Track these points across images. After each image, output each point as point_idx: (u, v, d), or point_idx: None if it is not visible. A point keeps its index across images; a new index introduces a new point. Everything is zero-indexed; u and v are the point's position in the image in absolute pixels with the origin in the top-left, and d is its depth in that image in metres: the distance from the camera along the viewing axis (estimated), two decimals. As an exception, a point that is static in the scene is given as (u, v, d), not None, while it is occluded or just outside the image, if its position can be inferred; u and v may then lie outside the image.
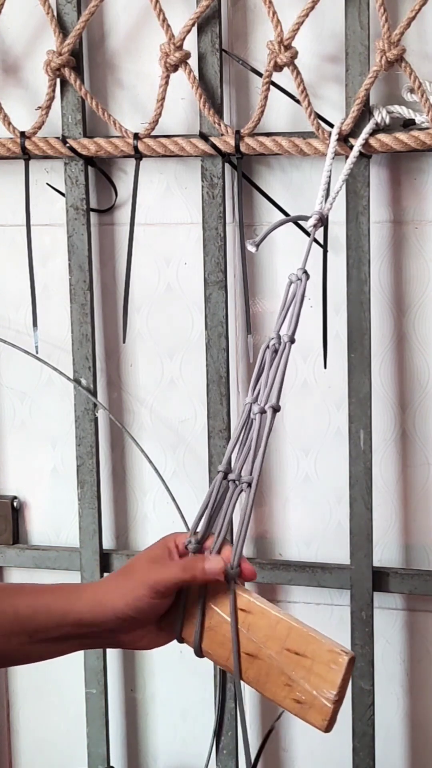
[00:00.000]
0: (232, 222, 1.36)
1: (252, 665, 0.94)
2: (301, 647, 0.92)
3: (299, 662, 0.92)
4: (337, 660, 0.91)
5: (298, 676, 0.92)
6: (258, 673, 0.94)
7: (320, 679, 0.91)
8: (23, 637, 0.95)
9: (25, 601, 0.96)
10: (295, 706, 0.92)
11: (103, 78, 1.38)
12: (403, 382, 1.36)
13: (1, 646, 0.95)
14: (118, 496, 1.49)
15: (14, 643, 0.95)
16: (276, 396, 1.04)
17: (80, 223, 1.38)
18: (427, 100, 1.22)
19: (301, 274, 1.10)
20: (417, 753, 1.44)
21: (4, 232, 1.46)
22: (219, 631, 0.96)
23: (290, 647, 0.93)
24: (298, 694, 0.92)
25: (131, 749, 1.55)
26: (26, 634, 0.95)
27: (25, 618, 0.95)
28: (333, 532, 1.40)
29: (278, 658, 0.93)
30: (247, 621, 0.95)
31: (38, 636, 0.95)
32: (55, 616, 0.95)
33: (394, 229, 1.33)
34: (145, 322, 1.43)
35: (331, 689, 0.90)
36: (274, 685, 0.93)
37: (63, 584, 0.99)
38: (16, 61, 1.41)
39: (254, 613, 0.95)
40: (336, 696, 0.90)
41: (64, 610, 0.95)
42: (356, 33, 1.24)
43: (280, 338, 1.07)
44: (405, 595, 1.39)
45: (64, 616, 0.95)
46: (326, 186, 1.22)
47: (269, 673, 0.93)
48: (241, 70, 1.33)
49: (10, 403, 1.50)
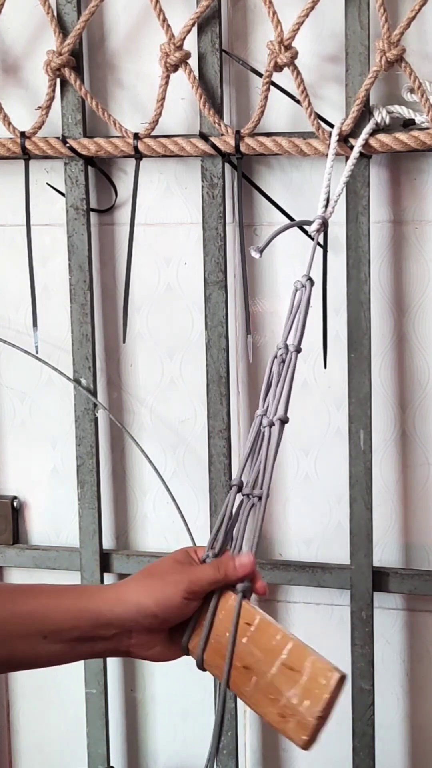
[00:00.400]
0: (232, 222, 1.36)
1: (247, 678, 0.94)
2: (297, 663, 0.92)
3: (292, 677, 0.91)
4: (327, 676, 0.90)
5: (287, 690, 0.91)
6: (251, 687, 0.94)
7: (309, 694, 0.90)
8: (37, 638, 0.93)
9: (42, 600, 0.95)
10: (280, 721, 0.91)
11: (103, 78, 1.38)
12: (403, 382, 1.36)
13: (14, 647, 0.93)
14: (118, 496, 1.49)
15: (27, 645, 0.94)
16: (284, 408, 1.05)
17: (80, 223, 1.38)
18: (427, 100, 1.22)
19: (306, 281, 1.10)
20: (417, 753, 1.44)
21: (4, 232, 1.46)
22: (222, 643, 0.96)
23: (286, 663, 0.92)
24: (284, 709, 0.91)
25: (131, 749, 1.55)
26: (40, 635, 0.93)
27: (41, 617, 0.94)
28: (333, 532, 1.40)
29: (273, 672, 0.92)
30: (249, 635, 0.95)
31: (52, 636, 0.94)
32: (71, 614, 0.94)
33: (394, 229, 1.33)
34: (145, 322, 1.43)
35: (317, 706, 0.89)
36: (264, 700, 0.92)
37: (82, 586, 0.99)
38: (16, 61, 1.41)
39: (257, 628, 0.95)
40: (320, 712, 0.89)
41: (81, 608, 0.95)
42: (356, 33, 1.24)
43: (288, 348, 1.07)
44: (405, 595, 1.39)
45: (80, 614, 0.94)
46: (327, 189, 1.22)
47: (261, 687, 0.93)
48: (241, 70, 1.33)
49: (10, 403, 1.50)
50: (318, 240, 1.17)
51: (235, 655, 0.95)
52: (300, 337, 1.08)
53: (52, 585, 0.99)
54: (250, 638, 0.95)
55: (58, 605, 0.95)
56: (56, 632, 0.94)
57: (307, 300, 1.09)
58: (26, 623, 0.93)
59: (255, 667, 0.93)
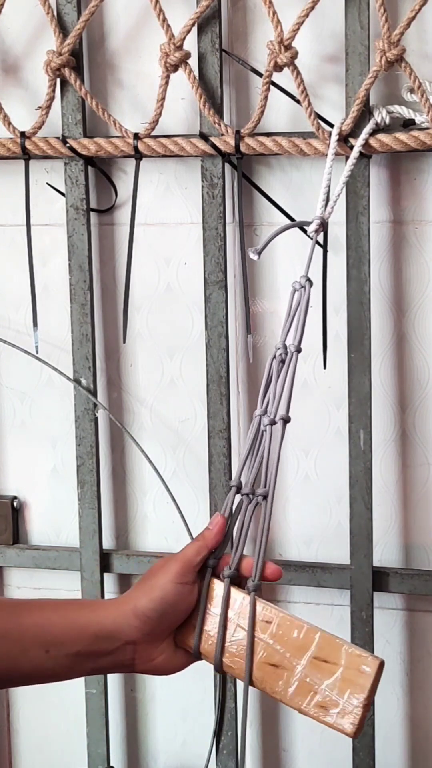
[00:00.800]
0: (232, 222, 1.36)
1: (276, 675, 0.94)
2: (330, 655, 0.92)
3: (328, 669, 0.92)
4: (368, 664, 0.91)
5: (325, 683, 0.91)
6: (282, 683, 0.93)
7: (350, 684, 0.91)
8: (39, 652, 0.93)
9: (44, 614, 0.95)
10: (321, 712, 0.92)
11: (103, 78, 1.38)
12: (403, 382, 1.36)
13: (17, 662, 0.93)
14: (118, 496, 1.49)
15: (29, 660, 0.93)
16: (285, 407, 1.04)
17: (80, 223, 1.38)
18: (427, 100, 1.22)
19: (305, 281, 1.10)
20: (417, 753, 1.44)
21: (4, 232, 1.46)
22: (241, 644, 0.95)
23: (318, 656, 0.92)
24: (326, 702, 0.91)
25: (131, 749, 1.55)
26: (42, 648, 0.93)
27: (43, 631, 0.93)
28: (333, 532, 1.40)
29: (306, 666, 0.92)
30: (271, 632, 0.95)
31: (54, 651, 0.93)
32: (74, 627, 0.94)
33: (394, 229, 1.33)
34: (145, 322, 1.43)
35: (361, 694, 0.90)
36: (300, 694, 0.93)
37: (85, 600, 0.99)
38: (16, 61, 1.41)
39: (278, 624, 0.94)
40: (366, 700, 0.90)
41: (84, 621, 0.94)
42: (356, 33, 1.24)
43: (287, 348, 1.07)
44: (405, 595, 1.39)
45: (83, 628, 0.94)
46: (327, 189, 1.22)
47: (294, 682, 0.93)
48: (241, 70, 1.33)
49: (10, 403, 1.50)
50: (317, 240, 1.17)
51: (259, 653, 0.94)
52: (300, 337, 1.07)
53: (54, 599, 0.98)
54: (271, 635, 0.94)
55: (59, 619, 0.94)
56: (58, 646, 0.93)
57: (306, 300, 1.09)
58: (28, 637, 0.93)
59: (283, 664, 0.93)
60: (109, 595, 1.47)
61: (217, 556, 0.99)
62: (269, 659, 0.94)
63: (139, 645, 0.95)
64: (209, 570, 0.98)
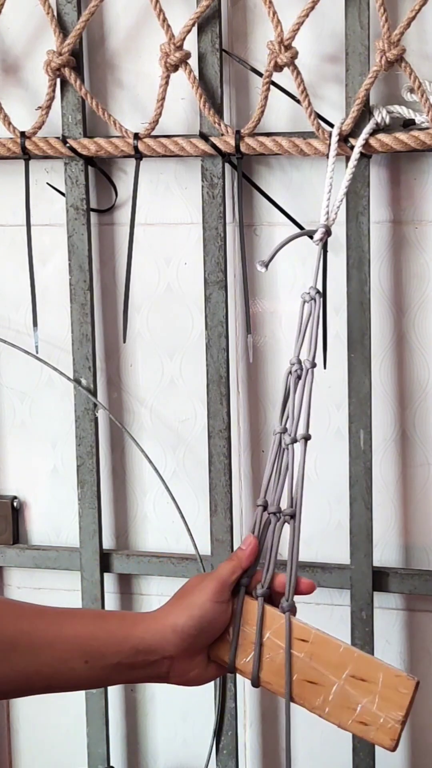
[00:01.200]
0: (232, 222, 1.36)
1: (314, 692, 0.98)
2: (367, 674, 0.97)
3: (366, 688, 0.97)
4: (406, 684, 0.97)
5: (364, 700, 0.97)
6: (321, 700, 0.98)
7: (388, 702, 0.96)
8: (79, 662, 0.94)
9: (86, 625, 0.96)
10: (362, 728, 0.97)
11: (103, 78, 1.38)
12: (403, 382, 1.36)
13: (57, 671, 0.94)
14: (118, 496, 1.49)
15: (70, 669, 0.94)
16: (305, 425, 1.06)
17: (80, 223, 1.38)
18: (427, 100, 1.22)
19: (315, 293, 1.10)
20: (417, 753, 1.44)
21: (4, 232, 1.46)
22: (276, 661, 1.00)
23: (355, 674, 0.97)
24: (366, 717, 0.97)
25: (131, 749, 1.55)
26: (82, 659, 0.94)
27: (84, 641, 0.94)
28: (333, 532, 1.40)
29: (343, 684, 0.97)
30: (308, 650, 0.99)
31: (93, 662, 0.94)
32: (115, 640, 0.95)
33: (394, 229, 1.33)
34: (145, 322, 1.43)
35: (400, 711, 0.96)
36: (339, 710, 0.98)
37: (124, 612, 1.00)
38: (16, 61, 1.41)
39: (315, 643, 0.99)
40: (403, 718, 0.96)
41: (124, 634, 0.95)
42: (356, 33, 1.24)
43: (302, 364, 1.07)
44: (405, 595, 1.39)
45: (124, 641, 0.95)
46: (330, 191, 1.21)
47: (333, 699, 0.98)
48: (241, 70, 1.33)
49: (10, 403, 1.50)
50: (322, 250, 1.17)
51: (297, 671, 0.99)
52: (315, 352, 1.08)
53: (94, 610, 1.01)
54: (308, 653, 0.99)
55: (100, 631, 0.95)
56: (99, 657, 0.94)
57: (318, 313, 1.09)
58: (69, 648, 0.94)
59: (321, 681, 0.98)
60: (109, 595, 1.47)
61: (249, 574, 1.02)
62: (306, 676, 0.99)
63: (176, 659, 0.97)
64: (242, 588, 1.01)
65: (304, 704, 0.99)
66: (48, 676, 0.94)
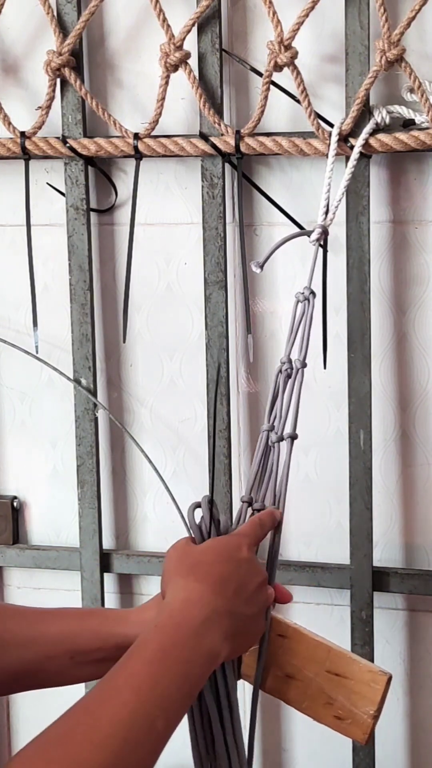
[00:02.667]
0: (232, 222, 1.36)
1: (291, 686, 1.01)
2: (342, 669, 0.99)
3: (340, 683, 0.99)
4: (377, 680, 0.98)
5: (338, 695, 0.99)
6: (297, 693, 1.00)
7: (361, 697, 0.98)
8: (64, 659, 0.96)
9: (70, 623, 0.98)
10: (335, 722, 0.99)
11: (103, 78, 1.38)
12: (403, 382, 1.36)
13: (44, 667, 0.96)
14: (118, 496, 1.49)
15: (56, 665, 0.96)
16: (292, 424, 1.05)
17: (80, 223, 1.38)
18: (427, 100, 1.22)
19: (308, 293, 1.09)
20: (417, 753, 1.44)
21: (4, 232, 1.46)
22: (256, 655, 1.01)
23: (330, 669, 0.99)
24: (339, 712, 0.98)
25: (131, 749, 1.55)
26: (67, 656, 0.96)
27: (69, 639, 0.96)
28: (333, 532, 1.40)
29: (318, 679, 0.99)
30: (285, 645, 1.01)
31: (79, 658, 0.96)
32: (99, 637, 0.97)
33: (394, 229, 1.33)
34: (145, 322, 1.43)
35: (372, 706, 0.97)
36: (315, 704, 1.00)
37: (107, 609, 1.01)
38: (16, 61, 1.41)
39: (292, 638, 1.01)
40: (376, 712, 0.98)
41: (108, 632, 0.97)
42: (356, 33, 1.24)
43: (292, 363, 1.07)
44: (405, 595, 1.39)
45: (108, 637, 0.97)
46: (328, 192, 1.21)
47: (309, 693, 1.00)
48: (241, 70, 1.33)
49: (10, 403, 1.50)
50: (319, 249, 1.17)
51: (275, 665, 1.01)
52: (305, 352, 1.08)
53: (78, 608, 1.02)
54: (286, 648, 1.01)
55: (83, 630, 0.97)
56: (83, 653, 0.96)
57: (310, 313, 1.09)
58: (54, 645, 0.96)
59: (298, 676, 1.00)
60: (109, 595, 1.47)
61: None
62: (284, 671, 1.01)
63: None
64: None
65: (282, 698, 1.02)
66: (34, 673, 0.96)
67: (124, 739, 0.78)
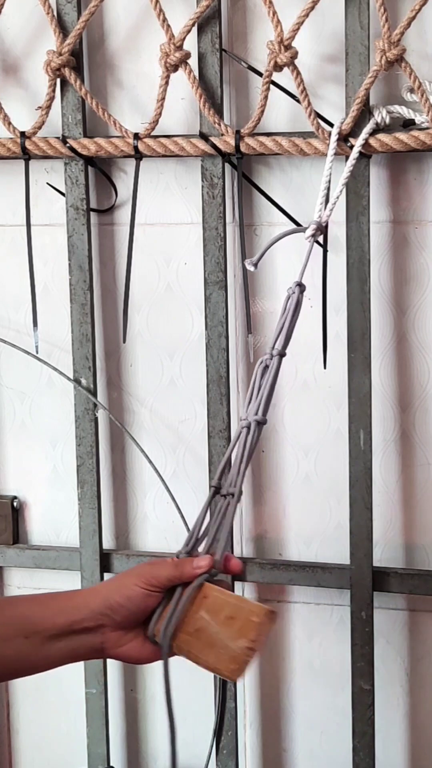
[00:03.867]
0: (232, 222, 1.36)
1: (196, 638, 1.01)
2: (236, 612, 0.99)
3: (231, 625, 0.99)
4: (259, 612, 0.98)
5: (227, 637, 0.99)
6: (198, 644, 1.01)
7: (240, 633, 0.98)
8: (19, 639, 1.00)
9: (21, 606, 1.04)
10: (214, 661, 1.00)
11: (103, 78, 1.38)
12: (403, 382, 1.36)
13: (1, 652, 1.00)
14: (118, 496, 1.49)
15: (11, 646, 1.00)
16: (263, 410, 1.08)
17: (80, 223, 1.38)
18: (427, 100, 1.22)
19: (295, 287, 1.11)
20: (417, 753, 1.44)
21: (4, 232, 1.46)
22: (185, 621, 1.02)
23: (229, 614, 1.00)
24: (221, 651, 0.99)
25: (131, 749, 1.55)
26: (22, 635, 1.00)
27: (22, 619, 1.01)
28: (333, 532, 1.40)
29: (219, 627, 1.00)
30: (204, 605, 1.02)
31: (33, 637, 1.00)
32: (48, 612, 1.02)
33: (394, 229, 1.33)
34: (145, 322, 1.43)
35: (245, 637, 0.97)
36: (205, 649, 1.00)
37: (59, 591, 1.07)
38: (16, 61, 1.41)
39: (211, 597, 1.02)
40: (248, 643, 0.97)
41: (56, 608, 1.02)
42: (356, 33, 1.24)
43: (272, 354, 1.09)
44: (405, 595, 1.39)
45: (59, 614, 1.01)
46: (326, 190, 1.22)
47: (206, 640, 1.00)
48: (241, 70, 1.33)
49: (10, 403, 1.50)
50: (317, 241, 1.17)
51: (190, 622, 1.01)
52: (284, 342, 1.09)
53: (30, 594, 1.07)
54: (204, 608, 1.01)
55: (35, 607, 1.03)
56: (36, 632, 1.01)
57: (294, 304, 1.10)
58: (9, 627, 1.01)
59: (205, 628, 1.01)
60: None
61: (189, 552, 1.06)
62: (194, 626, 1.01)
63: (109, 631, 1.02)
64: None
65: (185, 653, 1.02)
66: None
67: None
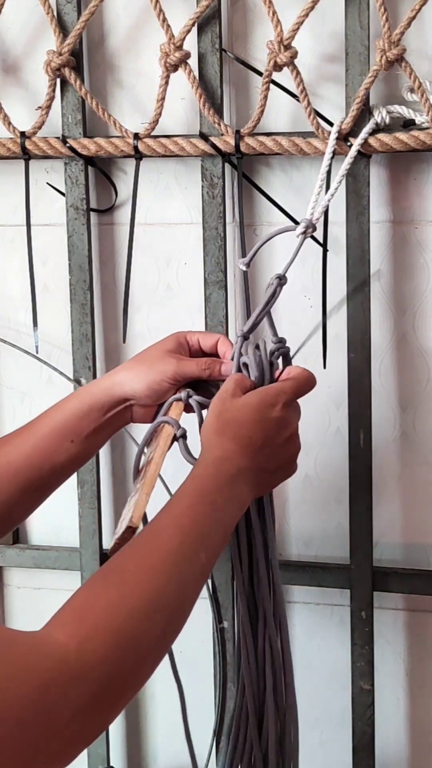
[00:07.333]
0: (232, 222, 1.36)
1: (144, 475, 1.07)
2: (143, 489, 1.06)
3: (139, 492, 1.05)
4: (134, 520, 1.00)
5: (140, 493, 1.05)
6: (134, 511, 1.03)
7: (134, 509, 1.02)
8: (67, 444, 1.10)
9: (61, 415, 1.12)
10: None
11: (103, 78, 1.38)
12: (403, 382, 1.36)
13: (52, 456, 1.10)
14: (118, 496, 1.49)
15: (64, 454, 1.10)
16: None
17: (80, 223, 1.38)
18: (427, 100, 1.22)
19: (275, 279, 1.13)
20: (417, 753, 1.44)
21: (4, 232, 1.46)
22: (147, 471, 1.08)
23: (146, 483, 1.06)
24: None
25: (131, 749, 1.55)
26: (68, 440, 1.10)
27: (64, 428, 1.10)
28: (333, 532, 1.40)
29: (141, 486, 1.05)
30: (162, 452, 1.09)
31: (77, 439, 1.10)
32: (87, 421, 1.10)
33: (394, 229, 1.33)
34: (145, 322, 1.43)
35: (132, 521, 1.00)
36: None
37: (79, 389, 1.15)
38: (16, 61, 1.41)
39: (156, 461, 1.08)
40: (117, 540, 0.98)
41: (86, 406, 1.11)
42: (356, 33, 1.24)
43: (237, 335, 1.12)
44: (405, 595, 1.39)
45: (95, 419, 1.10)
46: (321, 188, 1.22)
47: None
48: (241, 70, 1.33)
49: (10, 403, 1.50)
50: (303, 242, 1.17)
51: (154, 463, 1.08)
52: (251, 327, 1.11)
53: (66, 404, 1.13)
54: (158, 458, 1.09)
55: (71, 415, 1.11)
56: (78, 435, 1.10)
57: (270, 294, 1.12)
58: (54, 439, 1.10)
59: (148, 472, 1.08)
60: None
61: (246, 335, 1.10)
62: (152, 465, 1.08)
63: (134, 409, 1.13)
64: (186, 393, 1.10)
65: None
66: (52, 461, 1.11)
67: (174, 564, 0.88)
